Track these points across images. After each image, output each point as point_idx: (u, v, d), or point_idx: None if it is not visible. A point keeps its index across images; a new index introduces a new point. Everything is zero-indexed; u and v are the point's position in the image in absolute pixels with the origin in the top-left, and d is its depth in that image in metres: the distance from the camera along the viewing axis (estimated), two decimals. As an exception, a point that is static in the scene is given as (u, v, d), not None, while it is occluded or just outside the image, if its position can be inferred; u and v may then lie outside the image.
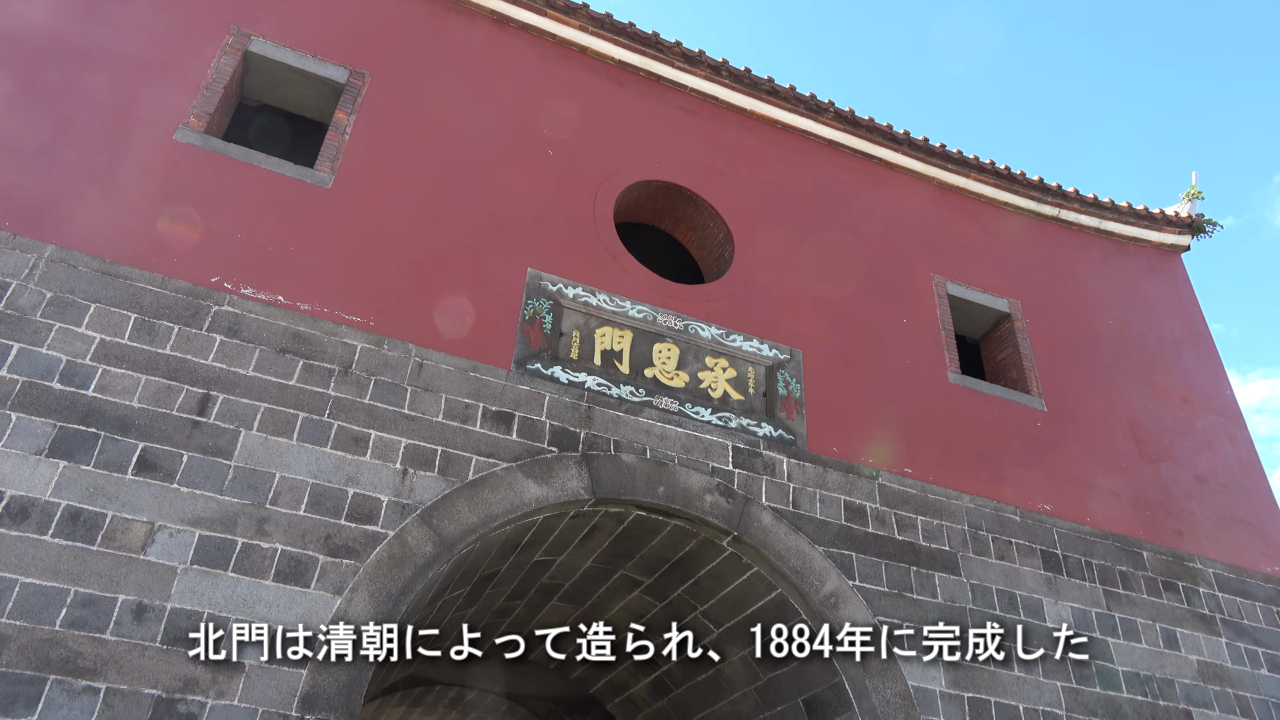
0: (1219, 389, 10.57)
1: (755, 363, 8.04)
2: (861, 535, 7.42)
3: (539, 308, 7.45)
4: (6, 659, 4.75)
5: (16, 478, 5.25)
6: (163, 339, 6.10)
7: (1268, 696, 7.99)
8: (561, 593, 8.16)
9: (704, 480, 7.11)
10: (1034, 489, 8.46)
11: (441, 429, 6.55)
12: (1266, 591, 8.82)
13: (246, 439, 5.92)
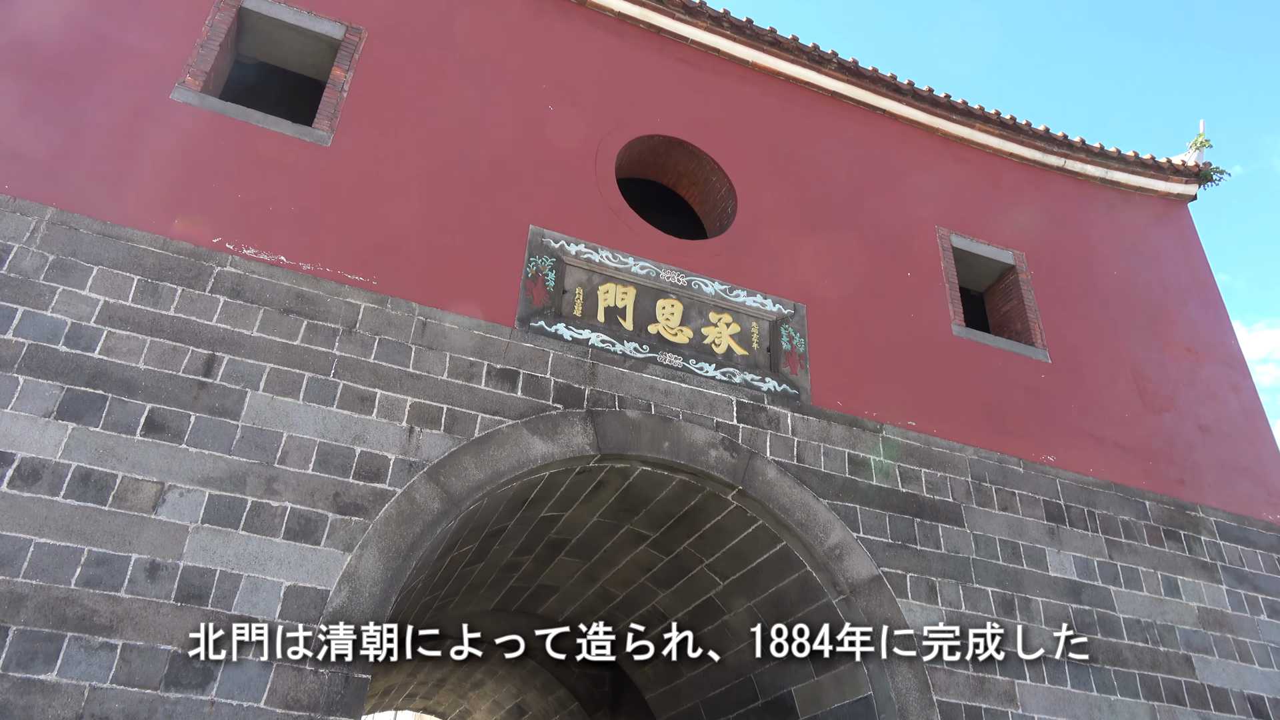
0: (1223, 339, 10.56)
1: (759, 318, 8.03)
2: (865, 488, 7.48)
3: (541, 265, 7.43)
4: (25, 617, 4.84)
5: (26, 440, 5.30)
6: (166, 301, 6.11)
7: (1267, 642, 8.10)
8: (569, 547, 8.25)
9: (708, 435, 7.15)
10: (1037, 440, 8.50)
11: (447, 387, 6.58)
12: (1267, 539, 8.89)
13: (253, 399, 5.95)
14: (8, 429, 5.29)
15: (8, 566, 4.92)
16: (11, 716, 4.60)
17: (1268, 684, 7.82)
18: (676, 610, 8.40)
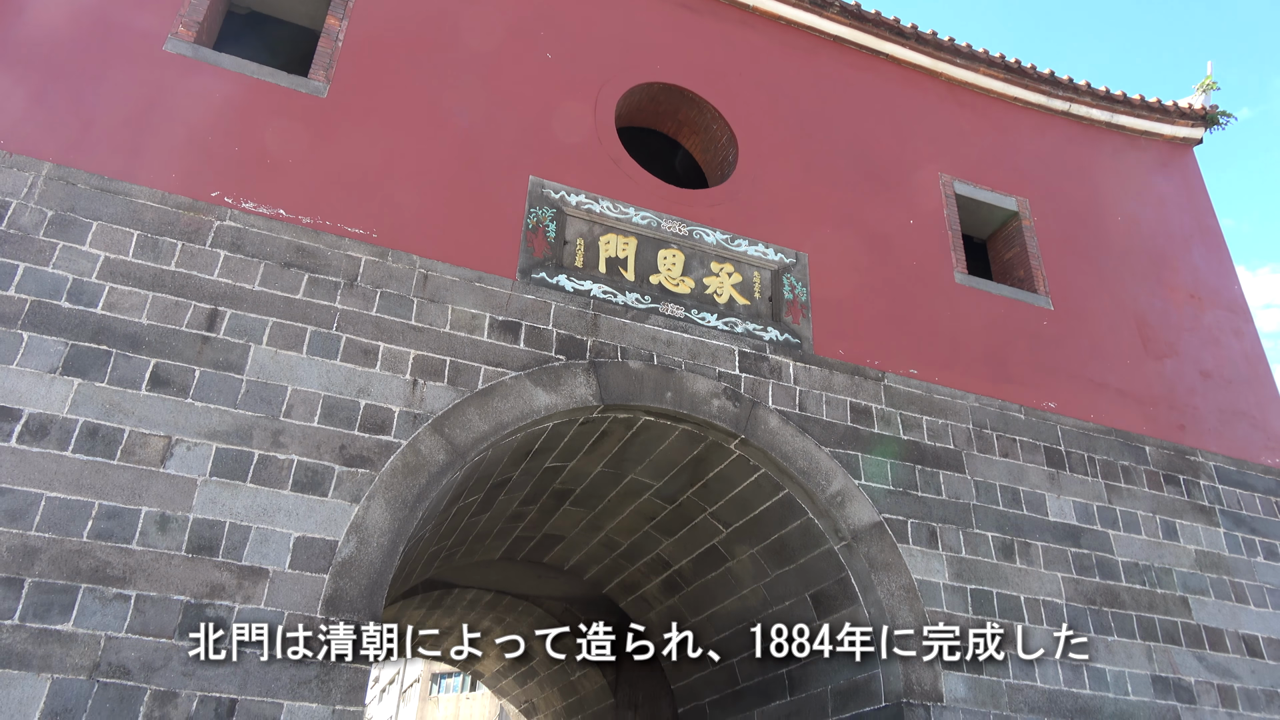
0: (1227, 284, 10.53)
1: (761, 267, 8.01)
2: (867, 436, 7.52)
3: (542, 216, 7.39)
4: (39, 569, 4.91)
5: (33, 395, 5.33)
6: (166, 255, 6.09)
7: (1262, 583, 8.21)
8: (573, 497, 8.33)
9: (711, 385, 7.17)
10: (1039, 387, 8.53)
11: (449, 339, 6.59)
12: (1266, 483, 8.96)
13: (257, 353, 5.97)
14: (14, 385, 5.32)
15: (20, 520, 4.99)
16: (30, 665, 4.70)
17: (1262, 624, 7.95)
18: (680, 558, 8.52)
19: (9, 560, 4.88)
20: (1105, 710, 6.93)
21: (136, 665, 4.88)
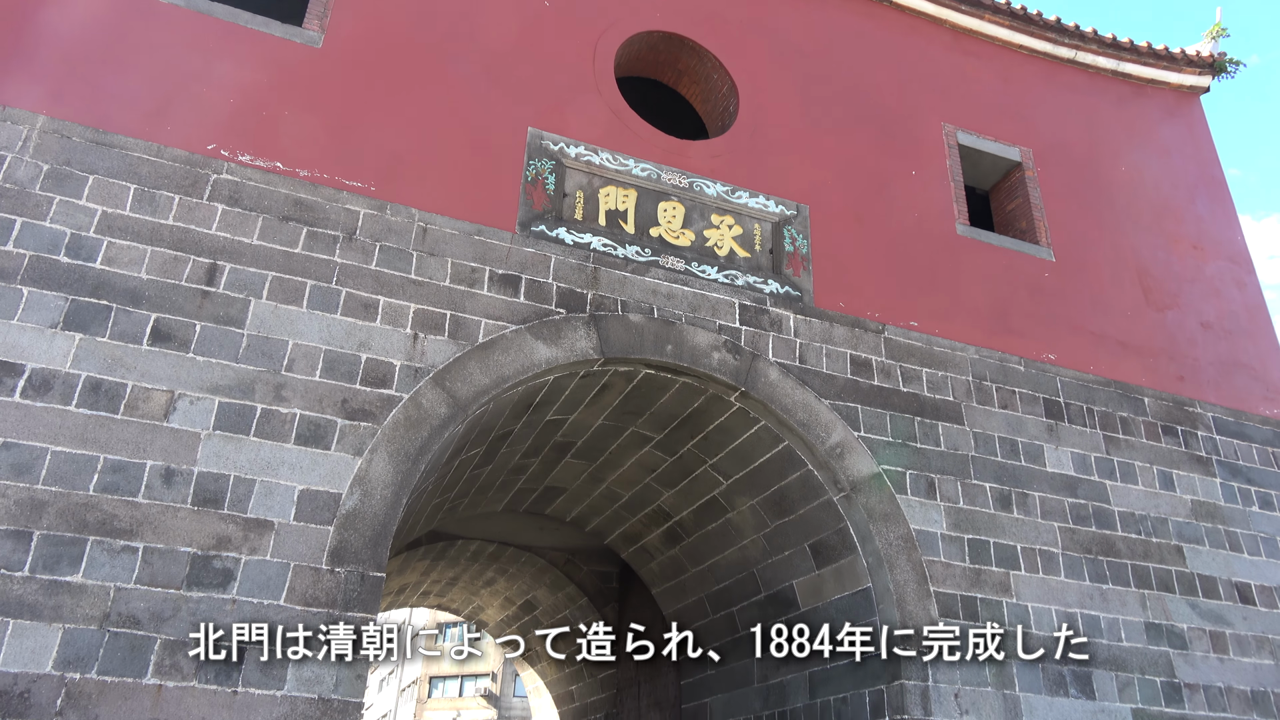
0: (1230, 235, 10.48)
1: (761, 219, 7.96)
2: (867, 388, 7.55)
3: (541, 168, 7.34)
4: (47, 522, 4.98)
5: (35, 350, 5.35)
6: (164, 209, 6.06)
7: (1256, 532, 8.30)
8: (575, 450, 8.39)
9: (711, 338, 7.18)
10: (1039, 339, 8.53)
11: (449, 293, 6.58)
12: (1263, 433, 9.01)
13: (257, 307, 5.97)
14: (15, 340, 5.33)
15: (27, 474, 5.04)
16: (42, 616, 4.78)
17: (1255, 572, 8.05)
18: (681, 509, 8.60)
19: (17, 513, 4.94)
20: (1099, 656, 7.06)
21: (146, 615, 4.96)
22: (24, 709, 4.60)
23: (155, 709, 4.80)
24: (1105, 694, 6.92)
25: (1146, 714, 6.97)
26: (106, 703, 4.74)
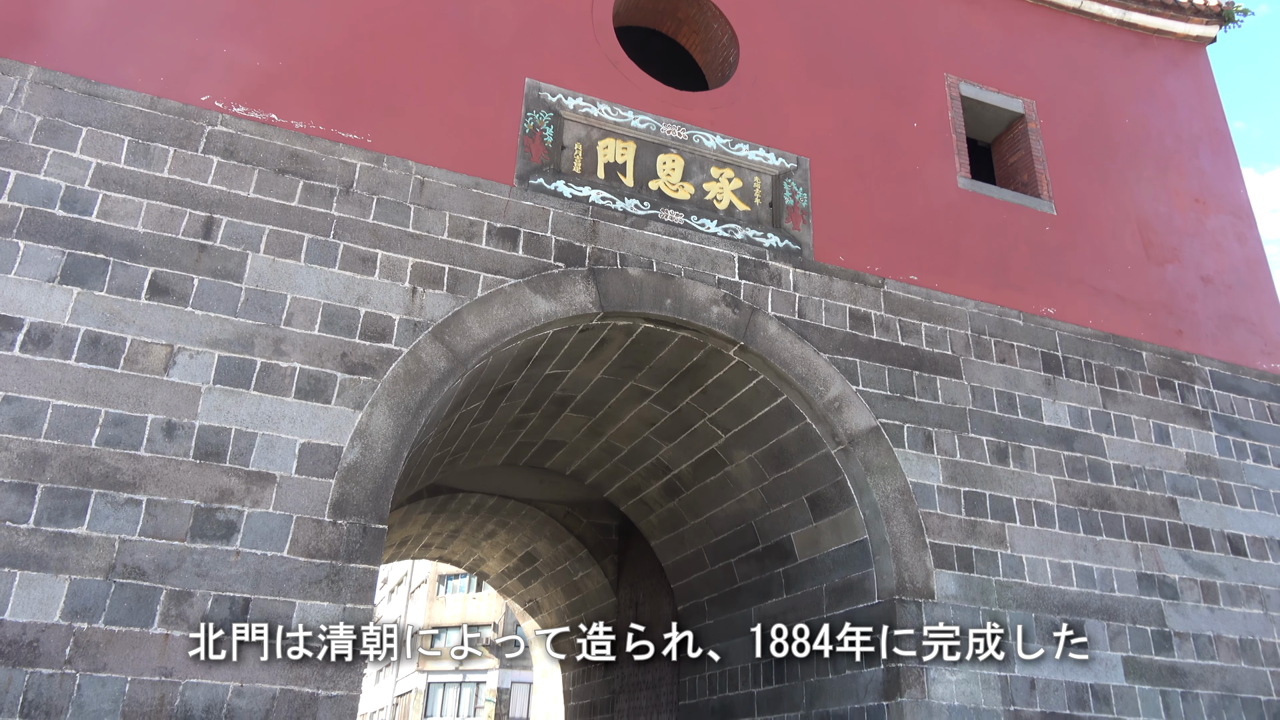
0: (1232, 189, 10.41)
1: (761, 172, 7.90)
2: (866, 342, 7.56)
3: (539, 120, 7.26)
4: (50, 475, 5.01)
5: (33, 304, 5.34)
6: (159, 162, 6.01)
7: (1250, 485, 8.38)
8: (574, 404, 8.42)
9: (710, 292, 7.17)
10: (1038, 293, 8.52)
11: (447, 247, 6.56)
12: (1260, 387, 9.05)
13: (254, 261, 5.95)
14: (13, 294, 5.32)
15: (29, 428, 5.07)
16: (48, 567, 4.84)
17: (1247, 523, 8.14)
18: (680, 462, 8.66)
19: (20, 466, 4.98)
20: (1091, 606, 7.17)
21: (151, 567, 5.02)
22: (33, 658, 4.68)
23: (162, 658, 4.88)
24: (1097, 643, 7.04)
25: (1136, 662, 7.10)
26: (114, 651, 4.82)
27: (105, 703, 4.72)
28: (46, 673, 4.68)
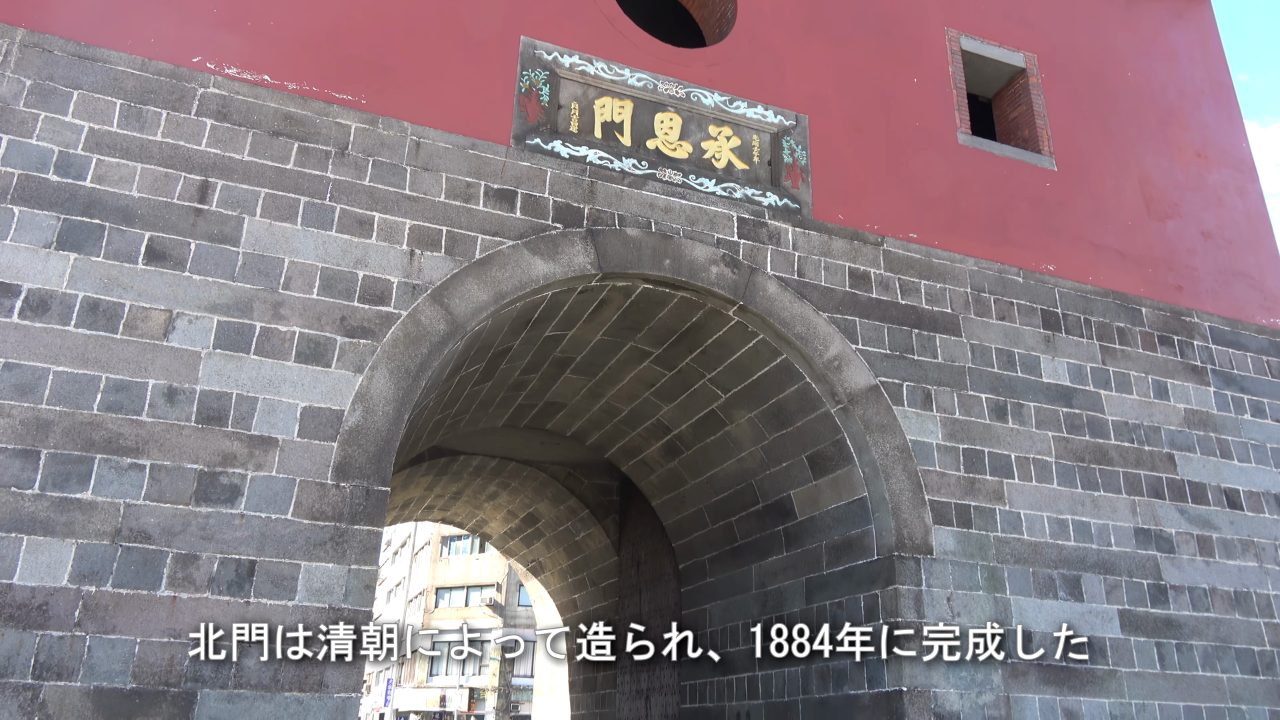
0: (1235, 143, 10.33)
1: (760, 130, 7.84)
2: (865, 301, 7.55)
3: (535, 79, 7.18)
4: (54, 441, 5.04)
5: (30, 271, 5.32)
6: (152, 125, 5.95)
7: (1247, 439, 8.42)
8: (574, 365, 8.44)
9: (709, 252, 7.15)
10: (1038, 250, 8.50)
11: (445, 209, 6.52)
12: (1259, 342, 9.06)
13: (251, 225, 5.93)
14: (10, 260, 5.30)
15: (30, 394, 5.08)
16: (55, 532, 4.88)
17: (1244, 478, 8.20)
18: (680, 423, 8.70)
19: (23, 432, 5.00)
20: (1088, 560, 7.25)
21: (157, 530, 5.07)
22: (43, 620, 4.74)
23: (171, 619, 4.95)
24: (1093, 596, 7.14)
25: (1132, 614, 7.19)
26: (123, 614, 4.88)
27: (115, 664, 4.79)
28: (57, 635, 4.74)
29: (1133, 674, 6.99)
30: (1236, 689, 7.28)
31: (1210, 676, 7.24)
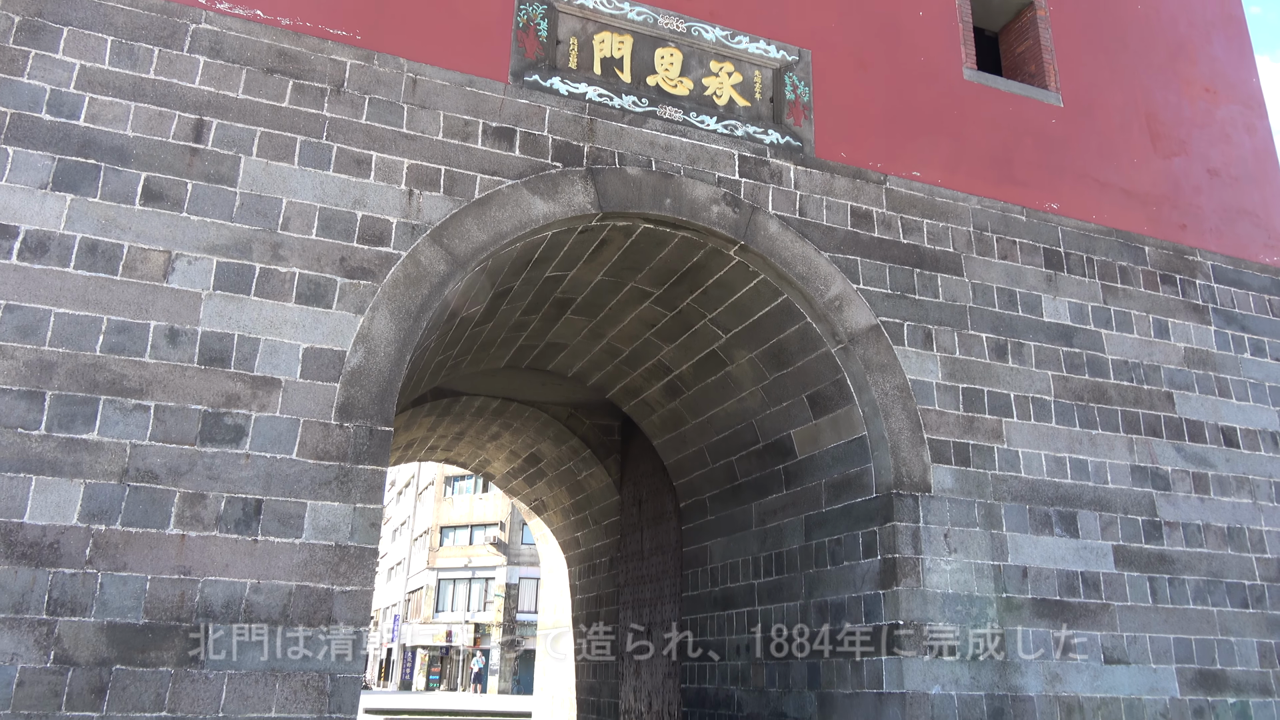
0: (1245, 77, 10.16)
1: (762, 65, 7.71)
2: (867, 240, 7.51)
3: (533, 13, 7.04)
4: (58, 382, 5.07)
5: (27, 212, 5.29)
6: (144, 62, 5.86)
7: (1246, 378, 8.45)
8: (574, 306, 8.43)
9: (710, 191, 7.09)
10: (1043, 188, 8.42)
11: (443, 148, 6.45)
12: (1261, 281, 9.04)
13: (248, 164, 5.87)
14: (6, 202, 5.27)
15: (33, 336, 5.09)
16: (63, 472, 4.94)
17: (1242, 416, 8.25)
18: (681, 363, 8.73)
19: (27, 374, 5.02)
20: (1084, 498, 7.34)
21: (163, 470, 5.13)
22: (55, 558, 4.83)
23: (180, 557, 5.03)
24: (1088, 532, 7.24)
25: (1126, 550, 7.31)
26: (133, 552, 4.96)
27: (128, 600, 4.89)
28: (69, 572, 4.83)
29: (1125, 608, 7.13)
30: (1226, 621, 7.43)
31: (1200, 610, 7.39)
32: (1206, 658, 7.26)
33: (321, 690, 5.11)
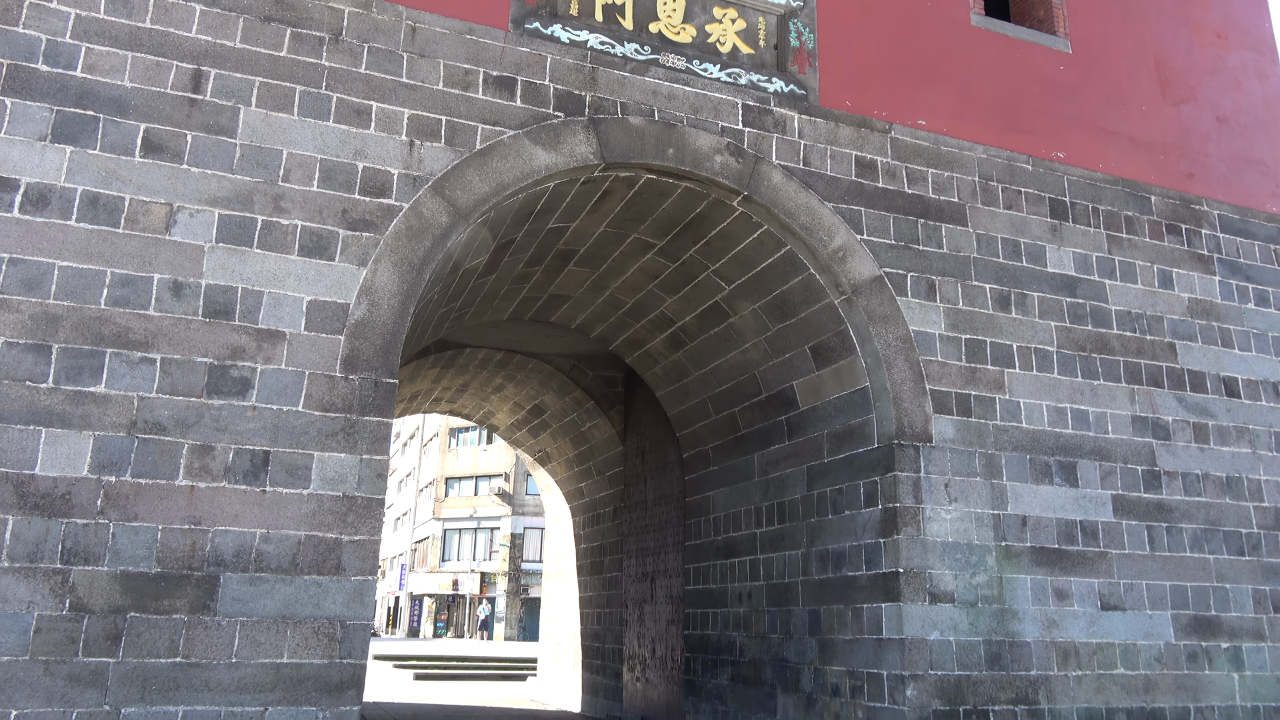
0: (1257, 22, 9.98)
1: (766, 11, 7.58)
2: (871, 190, 7.46)
3: (533, -41, 6.91)
4: (64, 335, 5.09)
5: (27, 164, 5.27)
6: (139, 11, 5.78)
7: (1249, 328, 8.45)
8: (577, 258, 8.41)
9: (713, 140, 7.03)
10: (1049, 136, 8.34)
11: (443, 97, 6.39)
12: (1267, 230, 8.98)
13: (247, 115, 5.82)
14: (6, 154, 5.24)
15: (37, 289, 5.11)
16: (72, 424, 4.99)
17: (1244, 366, 8.27)
18: (684, 315, 8.73)
19: (33, 327, 5.05)
20: (1085, 447, 7.39)
21: (171, 422, 5.18)
22: (67, 509, 4.90)
23: (190, 507, 5.11)
24: (1088, 482, 7.30)
25: (1125, 499, 7.38)
26: (143, 502, 5.03)
27: (140, 549, 4.97)
28: (81, 523, 4.91)
29: (1122, 555, 7.23)
30: (1222, 569, 7.53)
31: (1197, 558, 7.48)
32: (1202, 604, 7.37)
33: (332, 636, 5.21)
